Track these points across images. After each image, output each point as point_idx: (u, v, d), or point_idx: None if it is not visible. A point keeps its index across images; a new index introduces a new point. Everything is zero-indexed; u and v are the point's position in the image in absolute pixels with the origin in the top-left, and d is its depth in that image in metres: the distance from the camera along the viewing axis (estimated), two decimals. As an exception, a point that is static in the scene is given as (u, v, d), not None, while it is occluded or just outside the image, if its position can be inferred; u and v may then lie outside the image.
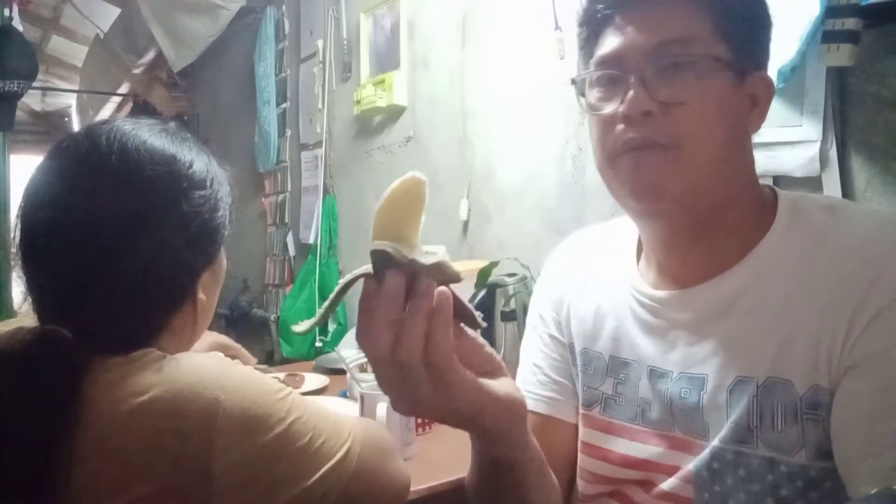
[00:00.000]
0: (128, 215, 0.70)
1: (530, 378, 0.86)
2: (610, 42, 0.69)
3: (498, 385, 0.56)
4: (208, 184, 0.77)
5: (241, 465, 0.64)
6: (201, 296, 0.78)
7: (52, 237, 0.70)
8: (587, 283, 0.83)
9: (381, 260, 0.48)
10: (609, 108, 0.69)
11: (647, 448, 0.73)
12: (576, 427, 0.83)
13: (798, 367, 0.63)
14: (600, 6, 0.70)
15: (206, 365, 0.68)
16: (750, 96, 0.69)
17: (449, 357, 0.50)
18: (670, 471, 0.71)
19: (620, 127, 0.67)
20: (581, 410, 0.82)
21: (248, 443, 0.65)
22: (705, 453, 0.68)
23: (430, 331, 0.49)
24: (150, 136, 0.74)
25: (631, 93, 0.66)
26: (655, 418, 0.73)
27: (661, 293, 0.74)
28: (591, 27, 0.72)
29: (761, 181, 0.74)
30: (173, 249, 0.72)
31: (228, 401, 0.65)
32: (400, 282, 0.49)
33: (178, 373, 0.66)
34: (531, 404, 0.83)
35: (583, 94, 0.74)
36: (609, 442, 0.77)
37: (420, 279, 0.49)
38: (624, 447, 0.76)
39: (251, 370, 0.71)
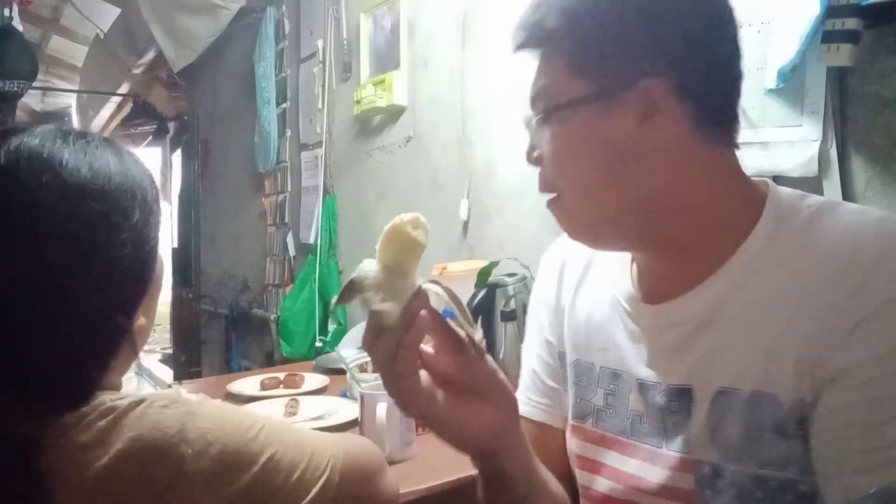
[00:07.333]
0: (46, 270, 0.64)
1: (529, 384, 0.85)
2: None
3: (478, 406, 0.60)
4: (131, 197, 0.70)
5: None
6: (141, 321, 0.73)
7: None
8: (582, 288, 0.82)
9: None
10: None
11: (639, 464, 0.71)
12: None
13: (783, 380, 0.60)
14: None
15: (165, 417, 0.65)
16: (637, 113, 0.62)
17: (408, 372, 0.57)
18: (665, 491, 0.68)
19: None
20: (572, 422, 0.80)
21: (222, 490, 0.64)
22: (706, 471, 0.65)
23: (398, 349, 0.56)
24: (59, 155, 0.66)
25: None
26: (646, 432, 0.71)
27: (646, 304, 0.72)
28: None
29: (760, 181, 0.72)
30: (105, 295, 0.67)
31: (195, 453, 0.63)
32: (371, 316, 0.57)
33: (136, 428, 0.63)
34: (530, 411, 0.83)
35: None
36: (602, 455, 0.75)
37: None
38: (614, 460, 0.74)
39: (221, 407, 0.68)
